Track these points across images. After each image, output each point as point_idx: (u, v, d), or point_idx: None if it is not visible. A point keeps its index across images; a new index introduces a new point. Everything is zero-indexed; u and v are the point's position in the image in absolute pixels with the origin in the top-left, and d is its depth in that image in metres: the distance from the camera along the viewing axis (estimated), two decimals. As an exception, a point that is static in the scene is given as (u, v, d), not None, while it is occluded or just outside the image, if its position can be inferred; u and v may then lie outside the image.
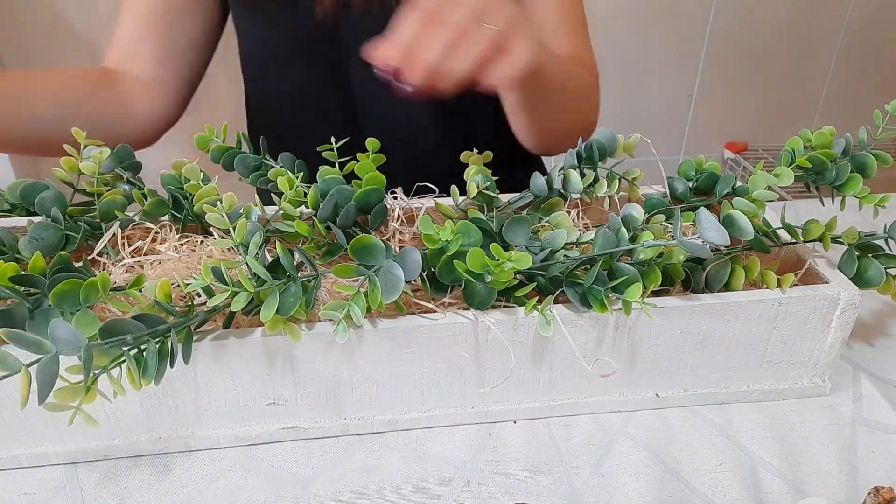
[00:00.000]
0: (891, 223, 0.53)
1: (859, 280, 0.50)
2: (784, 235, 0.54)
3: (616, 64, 1.72)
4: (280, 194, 0.53)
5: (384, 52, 0.48)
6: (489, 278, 0.43)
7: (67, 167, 0.54)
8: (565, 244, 0.48)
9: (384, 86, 0.50)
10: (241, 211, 0.50)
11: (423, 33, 0.48)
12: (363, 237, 0.44)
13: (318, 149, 0.58)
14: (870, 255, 0.51)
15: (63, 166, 0.54)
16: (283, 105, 0.79)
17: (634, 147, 0.59)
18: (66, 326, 0.36)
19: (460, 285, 0.45)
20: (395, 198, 0.58)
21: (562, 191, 0.58)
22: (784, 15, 1.79)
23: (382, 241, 0.44)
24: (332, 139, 0.58)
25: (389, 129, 0.61)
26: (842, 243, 0.52)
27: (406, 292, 0.43)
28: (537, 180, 0.58)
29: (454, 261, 0.43)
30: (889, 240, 0.52)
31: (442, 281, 0.45)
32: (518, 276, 0.47)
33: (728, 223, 0.45)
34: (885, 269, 0.50)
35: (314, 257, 0.52)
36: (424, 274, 0.46)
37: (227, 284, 0.41)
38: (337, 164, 0.57)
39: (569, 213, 0.59)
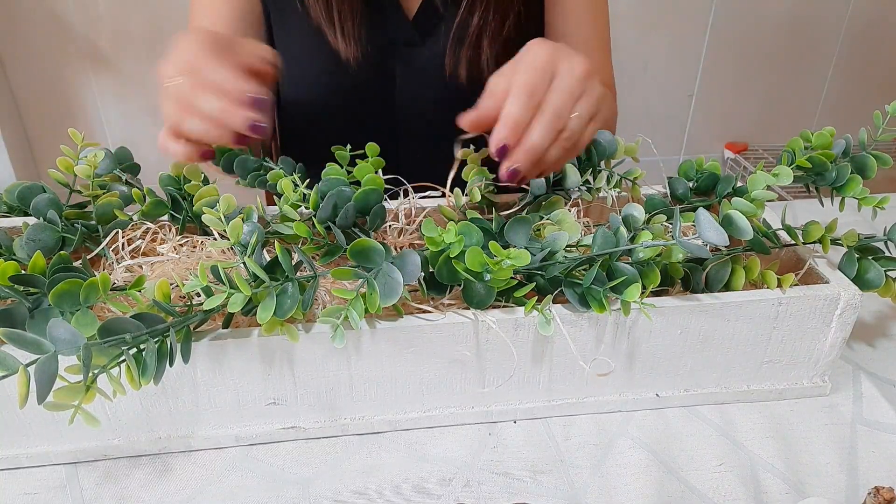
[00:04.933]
0: (890, 225, 0.53)
1: (859, 282, 0.50)
2: (784, 237, 0.54)
3: (616, 64, 1.72)
4: (279, 195, 0.53)
5: (497, 133, 0.48)
6: (488, 277, 0.43)
7: (64, 167, 0.54)
8: (566, 246, 0.48)
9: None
10: (242, 212, 0.50)
11: (530, 116, 0.48)
12: (362, 240, 0.44)
13: (332, 148, 0.58)
14: (870, 258, 0.51)
15: (59, 167, 0.54)
16: (321, 112, 0.81)
17: (637, 150, 0.59)
18: (64, 326, 0.36)
19: (459, 285, 0.45)
20: (405, 193, 0.58)
21: (560, 191, 0.58)
22: (784, 15, 1.79)
23: (382, 243, 0.44)
24: (347, 146, 0.58)
25: (427, 139, 0.63)
26: (841, 245, 0.52)
27: (404, 295, 0.43)
28: (536, 180, 0.58)
29: (453, 260, 0.43)
30: (889, 242, 0.52)
31: (441, 280, 0.45)
32: (517, 276, 0.47)
33: (727, 223, 0.45)
34: (885, 271, 0.50)
35: (314, 258, 0.52)
36: (421, 276, 0.46)
37: (224, 284, 0.41)
38: (345, 167, 0.57)
39: (569, 211, 0.59)
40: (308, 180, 0.55)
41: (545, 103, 0.48)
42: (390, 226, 0.58)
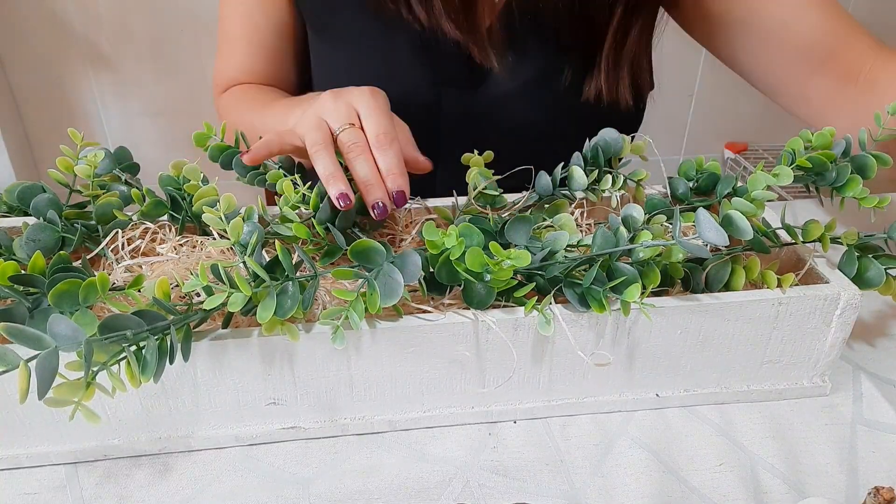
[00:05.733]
0: (890, 224, 0.53)
1: (860, 281, 0.50)
2: (784, 236, 0.54)
3: (616, 64, 1.72)
4: (279, 194, 0.53)
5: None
6: (488, 277, 0.43)
7: (63, 167, 0.54)
8: (566, 246, 0.48)
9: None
10: (243, 212, 0.50)
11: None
12: (363, 241, 0.44)
13: None
14: (870, 256, 0.51)
15: (59, 167, 0.54)
16: None
17: (644, 149, 0.59)
18: (65, 322, 0.36)
19: (459, 285, 0.45)
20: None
21: (565, 192, 0.58)
22: (784, 15, 1.79)
23: (382, 242, 0.44)
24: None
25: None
26: (841, 244, 0.52)
27: (404, 296, 0.43)
28: (542, 179, 0.58)
29: (453, 262, 0.43)
30: (889, 240, 0.52)
31: (440, 281, 0.45)
32: (517, 276, 0.47)
33: (726, 223, 0.45)
34: (886, 269, 0.50)
35: (314, 259, 0.52)
36: (421, 276, 0.46)
37: (224, 284, 0.41)
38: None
39: (572, 213, 0.59)
40: (308, 182, 0.55)
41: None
42: (390, 236, 0.58)
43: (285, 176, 0.56)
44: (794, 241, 0.53)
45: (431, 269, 0.45)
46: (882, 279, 0.50)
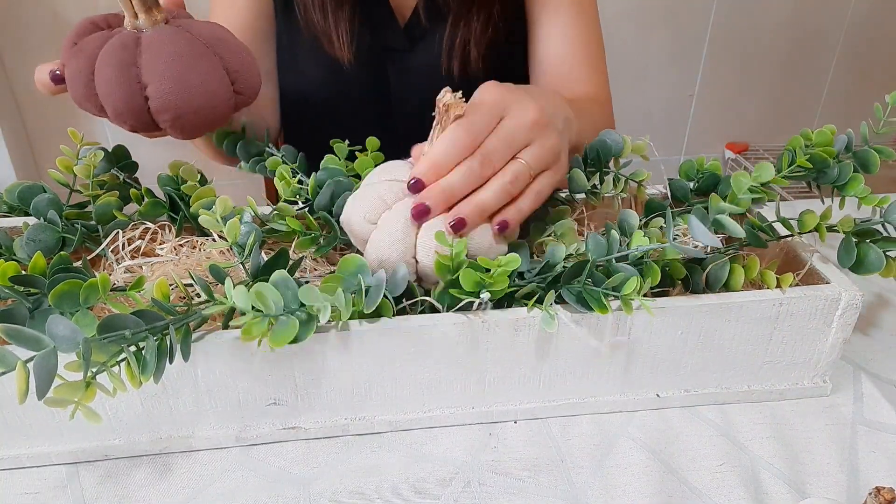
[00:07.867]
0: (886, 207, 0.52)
1: (860, 267, 0.50)
2: (780, 230, 0.54)
3: (616, 64, 1.72)
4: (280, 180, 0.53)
5: (414, 168, 0.45)
6: (486, 294, 0.43)
7: (63, 167, 0.54)
8: (566, 256, 0.48)
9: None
10: (235, 213, 0.50)
11: (455, 156, 0.45)
12: (351, 257, 0.44)
13: (330, 142, 0.58)
14: (867, 241, 0.50)
15: (59, 167, 0.54)
16: (321, 115, 0.83)
17: (645, 149, 0.59)
18: (63, 322, 0.36)
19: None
20: None
21: (563, 196, 0.58)
22: (784, 15, 1.79)
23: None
24: (346, 141, 0.58)
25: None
26: (838, 232, 0.52)
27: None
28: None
29: (449, 290, 0.43)
30: (886, 224, 0.52)
31: (441, 303, 0.45)
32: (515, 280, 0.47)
33: (718, 227, 0.45)
34: (885, 252, 0.50)
35: (308, 255, 0.52)
36: (412, 280, 0.46)
37: (224, 292, 0.41)
38: (344, 160, 0.58)
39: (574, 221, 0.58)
40: (309, 172, 0.56)
41: (480, 147, 0.45)
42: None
43: (284, 163, 0.57)
44: (790, 234, 0.52)
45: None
46: (882, 263, 0.49)
